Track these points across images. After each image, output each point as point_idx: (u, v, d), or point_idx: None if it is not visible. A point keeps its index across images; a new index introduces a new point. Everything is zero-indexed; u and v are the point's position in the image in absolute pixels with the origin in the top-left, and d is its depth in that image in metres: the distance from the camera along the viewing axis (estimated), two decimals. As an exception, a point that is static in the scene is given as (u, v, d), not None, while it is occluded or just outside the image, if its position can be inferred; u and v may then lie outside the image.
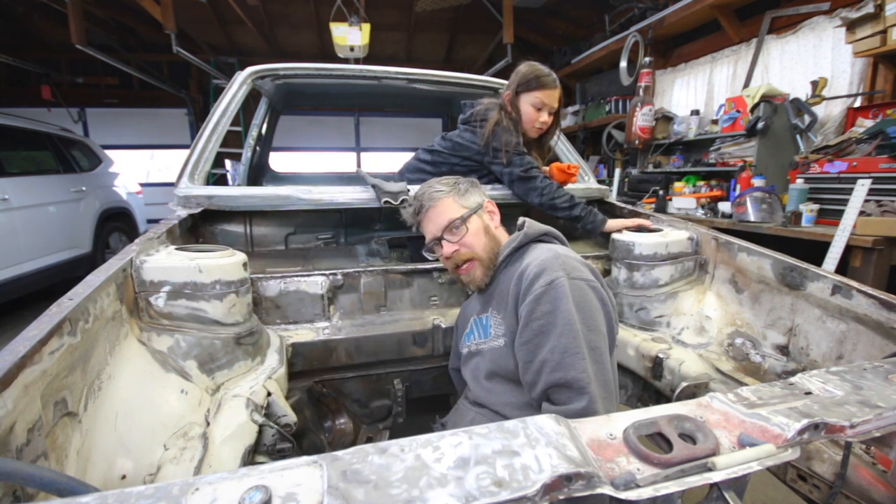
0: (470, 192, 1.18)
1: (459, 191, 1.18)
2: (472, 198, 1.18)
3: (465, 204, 1.16)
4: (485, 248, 1.14)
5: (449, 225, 1.14)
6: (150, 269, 0.99)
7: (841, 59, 3.34)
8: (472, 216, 1.15)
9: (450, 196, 1.16)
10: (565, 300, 0.93)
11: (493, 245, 1.15)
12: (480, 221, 1.16)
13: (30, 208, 3.75)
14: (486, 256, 1.14)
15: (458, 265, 1.16)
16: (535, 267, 0.99)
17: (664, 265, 1.49)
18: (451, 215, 1.14)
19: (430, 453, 0.43)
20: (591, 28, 6.22)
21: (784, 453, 0.48)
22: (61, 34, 5.90)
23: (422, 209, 1.18)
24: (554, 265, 0.97)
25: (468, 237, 1.14)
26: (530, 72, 1.65)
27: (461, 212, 1.15)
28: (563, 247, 1.12)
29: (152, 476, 0.80)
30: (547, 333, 0.92)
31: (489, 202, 1.21)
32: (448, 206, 1.16)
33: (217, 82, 6.96)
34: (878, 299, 0.99)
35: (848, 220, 2.47)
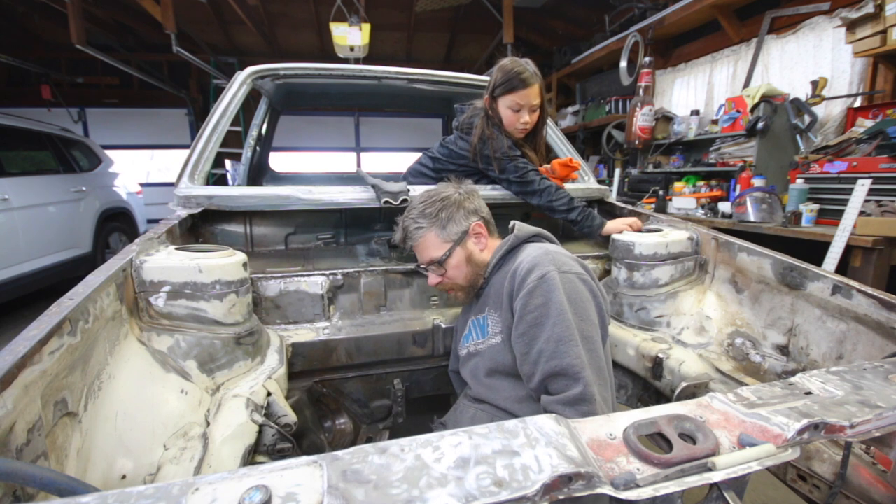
0: (453, 221, 1.18)
1: (441, 222, 1.17)
2: (456, 227, 1.18)
3: (447, 237, 1.17)
4: (466, 277, 1.18)
5: (430, 263, 1.19)
6: (150, 269, 0.99)
7: (841, 59, 3.34)
8: (454, 250, 1.17)
9: (431, 231, 1.18)
10: (557, 292, 0.96)
11: (477, 270, 1.19)
12: (463, 253, 1.18)
13: (30, 208, 3.75)
14: (468, 284, 1.19)
15: (442, 289, 1.26)
16: (527, 263, 1.02)
17: (664, 265, 1.49)
18: (432, 254, 1.18)
19: (430, 453, 0.43)
20: (591, 28, 6.22)
21: (784, 453, 0.48)
22: (61, 34, 5.92)
23: (406, 241, 1.23)
24: (544, 261, 1.00)
25: (449, 272, 1.18)
26: (502, 75, 1.59)
27: (442, 249, 1.17)
28: (553, 245, 1.15)
29: (152, 476, 0.80)
30: (541, 325, 0.95)
31: (476, 224, 1.19)
32: (430, 242, 1.18)
33: (217, 82, 6.97)
34: (878, 299, 0.99)
35: (848, 220, 2.47)
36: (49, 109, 7.25)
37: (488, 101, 1.65)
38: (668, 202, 4.01)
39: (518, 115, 1.61)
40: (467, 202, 1.21)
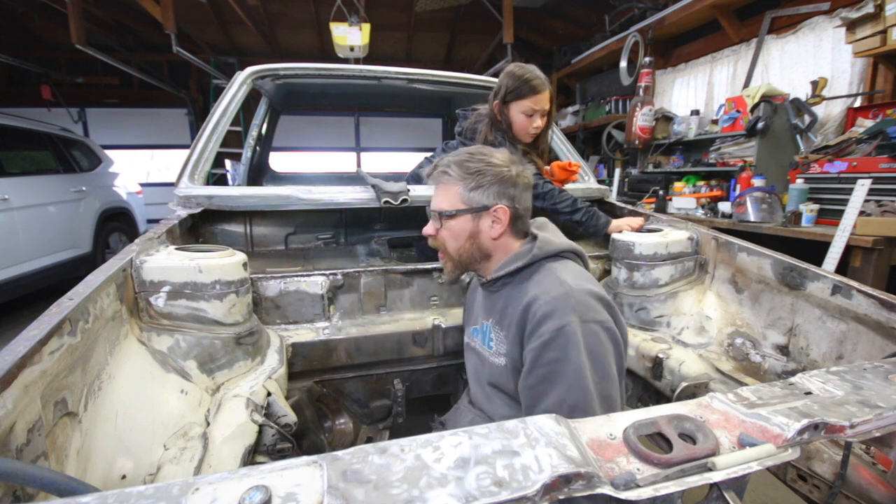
0: (482, 189, 1.04)
1: (470, 183, 1.04)
2: (481, 196, 1.04)
3: (468, 200, 1.04)
4: (459, 251, 1.07)
5: (434, 210, 1.09)
6: (150, 269, 0.99)
7: (841, 59, 3.34)
8: (462, 216, 1.05)
9: (458, 184, 1.05)
10: (576, 350, 0.86)
11: (474, 252, 1.07)
12: (471, 225, 1.05)
13: (30, 208, 3.74)
14: (458, 258, 1.08)
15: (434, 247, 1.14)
16: (545, 305, 0.91)
17: (664, 265, 1.49)
18: (441, 204, 1.07)
19: (430, 453, 0.43)
20: (591, 28, 6.22)
21: (784, 453, 0.48)
22: (61, 34, 5.91)
23: (430, 177, 1.12)
24: (565, 307, 0.89)
25: (444, 233, 1.08)
26: (513, 80, 1.59)
27: (455, 206, 1.05)
28: (576, 271, 1.01)
29: (152, 476, 0.80)
30: (552, 381, 0.87)
31: (501, 209, 1.04)
32: (449, 192, 1.06)
33: (217, 82, 6.96)
34: (878, 299, 0.99)
35: (848, 220, 2.47)
36: (49, 109, 7.24)
37: (497, 106, 1.63)
38: (668, 202, 4.01)
39: (530, 119, 1.61)
40: (510, 184, 1.05)
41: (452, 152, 1.11)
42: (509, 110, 1.61)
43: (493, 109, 1.64)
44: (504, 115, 1.63)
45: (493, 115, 1.65)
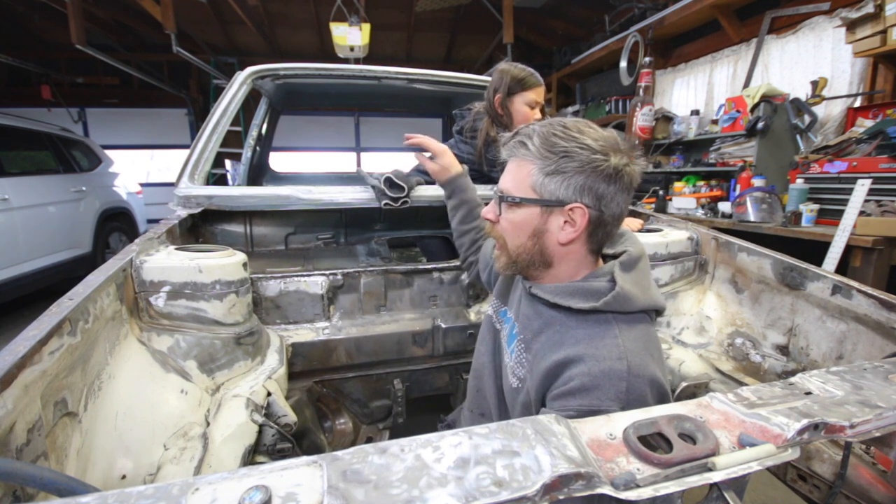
0: (563, 178, 0.79)
1: (550, 165, 0.80)
2: (559, 187, 0.80)
3: (539, 186, 0.81)
4: (518, 248, 0.86)
5: (501, 190, 0.87)
6: (150, 269, 0.99)
7: (841, 59, 3.34)
8: (528, 206, 0.83)
9: (534, 163, 0.82)
10: None
11: (534, 255, 0.86)
12: (537, 220, 0.83)
13: (30, 208, 3.75)
14: (513, 256, 0.88)
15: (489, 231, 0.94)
16: (587, 376, 0.73)
17: (664, 265, 1.49)
18: (509, 185, 0.85)
19: (430, 453, 0.43)
20: (591, 28, 6.22)
21: (784, 453, 0.48)
22: (61, 34, 5.91)
23: (506, 146, 0.89)
24: (609, 390, 0.71)
25: (505, 222, 0.87)
26: (520, 72, 1.64)
27: (523, 191, 0.83)
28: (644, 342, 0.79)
29: (152, 476, 0.80)
30: None
31: (580, 209, 0.79)
32: (521, 172, 0.84)
33: (217, 82, 6.96)
34: (878, 299, 0.99)
35: (848, 220, 2.47)
36: (49, 109, 7.25)
37: (500, 100, 1.64)
38: (668, 202, 4.01)
39: (533, 112, 1.65)
40: (601, 179, 0.79)
41: (544, 121, 0.87)
42: (512, 103, 1.64)
43: (495, 104, 1.65)
44: (506, 108, 1.64)
45: (493, 110, 1.66)
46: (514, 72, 1.63)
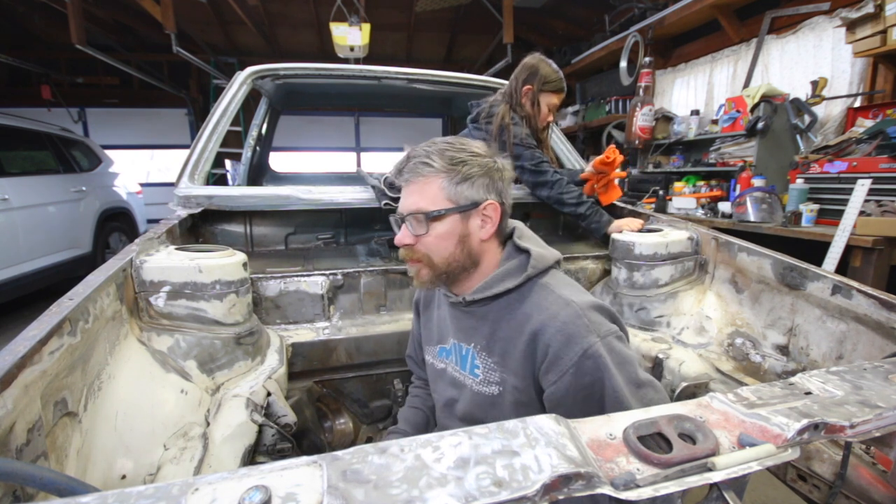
0: (471, 182, 0.89)
1: (456, 175, 0.88)
2: (469, 191, 0.89)
3: (453, 196, 0.88)
4: (446, 258, 0.90)
5: (414, 213, 0.89)
6: (150, 269, 0.99)
7: (841, 59, 3.34)
8: (451, 215, 0.89)
9: (440, 177, 0.88)
10: (607, 371, 0.79)
11: (463, 259, 0.91)
12: (459, 226, 0.89)
13: (30, 208, 3.75)
14: (443, 268, 0.91)
15: (405, 257, 0.95)
16: (558, 333, 0.82)
17: (664, 265, 1.49)
18: (422, 204, 0.89)
19: (429, 453, 0.43)
20: (591, 28, 6.22)
21: (784, 453, 0.48)
22: (61, 34, 5.91)
23: (401, 174, 0.92)
24: (579, 328, 0.81)
25: (428, 239, 0.90)
26: (552, 72, 1.72)
27: (438, 204, 0.88)
28: (570, 284, 0.93)
29: (152, 476, 0.80)
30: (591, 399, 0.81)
31: (491, 205, 0.90)
32: (428, 188, 0.89)
33: (217, 82, 6.96)
34: (878, 299, 0.99)
35: (848, 220, 2.47)
36: (49, 109, 7.25)
37: (531, 91, 1.71)
38: (668, 202, 4.01)
39: (549, 114, 1.75)
40: (498, 177, 0.92)
41: (425, 143, 0.93)
42: (541, 98, 1.72)
43: (522, 92, 1.72)
44: (535, 100, 1.72)
45: (516, 97, 1.73)
46: (546, 70, 1.70)
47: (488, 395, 0.93)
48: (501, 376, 0.91)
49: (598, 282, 1.75)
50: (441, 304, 1.07)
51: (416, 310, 1.20)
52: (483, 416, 0.95)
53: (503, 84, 2.31)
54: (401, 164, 0.93)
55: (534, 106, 1.72)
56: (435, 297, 1.12)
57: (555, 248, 1.02)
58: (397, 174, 0.94)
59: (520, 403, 0.90)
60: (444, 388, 1.05)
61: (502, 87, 1.85)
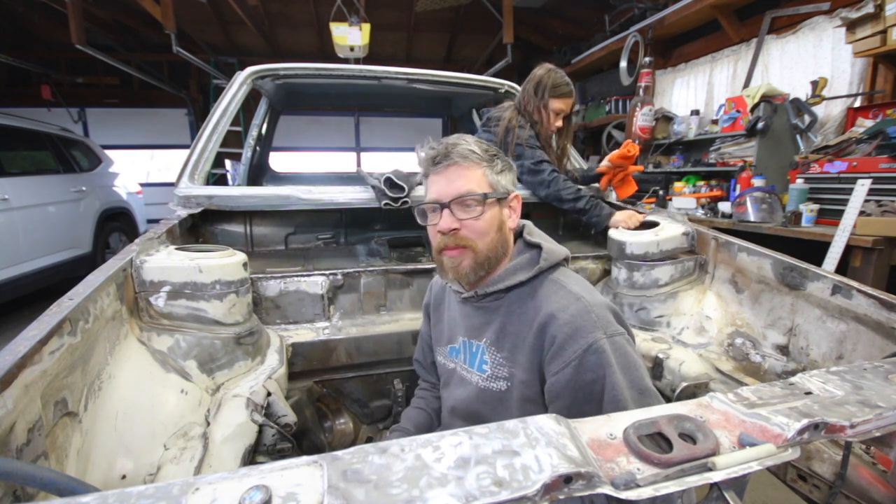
0: (504, 174, 0.96)
1: (494, 166, 0.94)
2: (504, 182, 0.95)
3: (494, 184, 0.93)
4: (489, 244, 0.92)
5: (464, 197, 0.90)
6: (150, 269, 0.99)
7: (841, 59, 3.34)
8: (493, 202, 0.93)
9: (482, 166, 0.92)
10: (610, 369, 0.79)
11: (501, 246, 0.94)
12: (499, 213, 0.94)
13: (30, 208, 3.75)
14: (486, 254, 0.92)
15: (446, 246, 0.93)
16: (565, 325, 0.83)
17: (664, 265, 1.49)
18: (473, 187, 0.90)
19: (430, 453, 0.43)
20: (591, 28, 6.22)
21: (784, 453, 0.48)
22: (61, 34, 5.91)
23: (443, 159, 0.92)
24: (587, 324, 0.82)
25: (479, 222, 0.91)
26: (558, 79, 1.76)
27: (486, 189, 0.91)
28: (580, 281, 0.94)
29: (152, 476, 0.80)
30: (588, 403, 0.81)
31: (517, 197, 0.98)
32: (475, 175, 0.92)
33: (217, 82, 6.96)
34: (878, 299, 0.99)
35: (848, 220, 2.47)
36: (49, 109, 7.24)
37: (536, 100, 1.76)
38: (668, 202, 4.01)
39: (557, 117, 1.78)
40: (514, 173, 1.01)
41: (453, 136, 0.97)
42: (549, 104, 1.76)
43: (527, 99, 1.78)
44: (541, 107, 1.77)
45: (523, 103, 1.79)
46: (552, 77, 1.76)
47: (496, 391, 0.94)
48: (510, 371, 0.91)
49: (598, 282, 1.75)
50: (451, 305, 1.09)
51: (426, 313, 1.22)
52: (490, 413, 0.95)
53: (503, 84, 2.31)
54: (439, 151, 0.93)
55: (541, 112, 1.76)
56: (444, 299, 1.13)
57: None
58: (433, 161, 0.94)
59: (527, 399, 0.90)
60: (455, 388, 1.05)
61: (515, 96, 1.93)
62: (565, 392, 0.83)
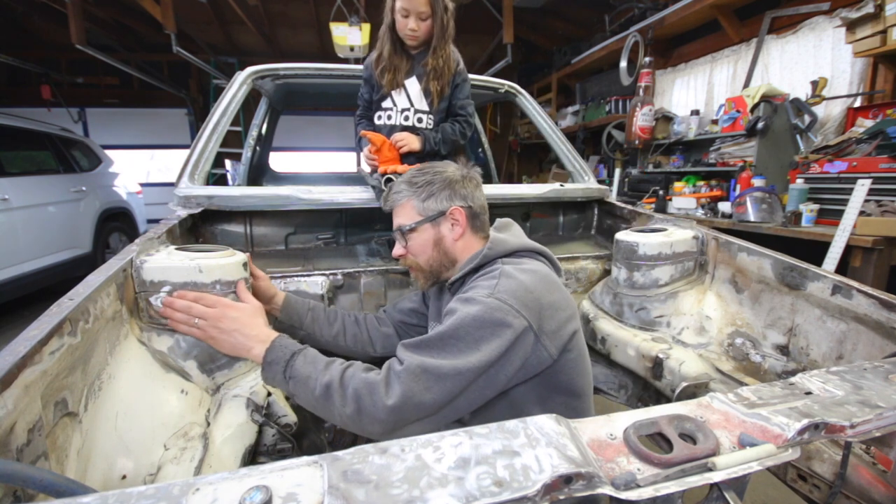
0: (434, 198, 1.08)
1: (422, 194, 1.09)
2: (435, 204, 1.08)
3: (423, 210, 1.09)
4: (428, 261, 1.10)
5: (397, 229, 1.12)
6: (150, 269, 0.99)
7: (841, 59, 3.34)
8: (422, 226, 1.08)
9: (411, 200, 1.10)
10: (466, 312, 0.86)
11: (442, 258, 1.09)
12: (432, 232, 1.09)
13: (30, 208, 3.74)
14: (429, 269, 1.11)
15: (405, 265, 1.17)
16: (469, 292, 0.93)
17: (664, 265, 1.49)
18: (401, 221, 1.11)
19: (430, 453, 0.43)
20: (591, 28, 6.22)
21: (784, 453, 0.48)
22: (61, 34, 5.91)
23: (387, 204, 1.16)
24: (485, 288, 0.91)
25: (412, 247, 1.10)
26: None
27: (412, 219, 1.09)
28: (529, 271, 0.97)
29: (153, 476, 0.80)
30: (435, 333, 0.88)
31: (457, 210, 1.08)
32: (405, 210, 1.11)
33: (217, 82, 6.97)
34: (878, 299, 0.99)
35: (848, 220, 2.47)
36: (49, 109, 7.24)
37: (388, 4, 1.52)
38: (668, 202, 4.01)
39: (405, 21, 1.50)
40: (460, 185, 1.10)
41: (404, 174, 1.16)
42: (394, 11, 1.51)
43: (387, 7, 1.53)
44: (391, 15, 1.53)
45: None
46: None
47: None
48: None
49: (597, 282, 1.75)
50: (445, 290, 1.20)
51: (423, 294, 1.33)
52: None
53: (503, 84, 2.31)
54: (384, 199, 1.17)
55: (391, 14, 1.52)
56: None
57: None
58: (384, 202, 1.17)
59: None
60: None
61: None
62: None
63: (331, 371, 0.86)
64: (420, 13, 1.49)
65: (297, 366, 0.88)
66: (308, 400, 0.87)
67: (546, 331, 0.90)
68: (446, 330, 0.86)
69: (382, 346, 1.28)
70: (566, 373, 0.95)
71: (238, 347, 0.94)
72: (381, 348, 1.28)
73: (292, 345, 0.93)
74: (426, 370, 0.81)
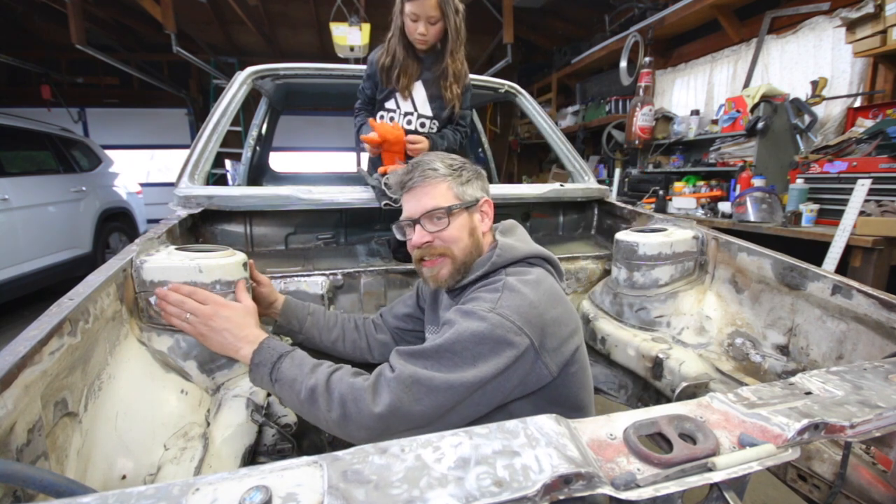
0: (471, 183, 1.03)
1: (460, 178, 1.02)
2: (471, 190, 1.03)
3: (460, 195, 1.01)
4: (464, 249, 1.00)
5: (431, 212, 0.99)
6: (150, 269, 0.99)
7: (841, 59, 3.34)
8: (460, 211, 1.00)
9: (446, 180, 1.00)
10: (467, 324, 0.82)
11: (474, 250, 1.01)
12: (468, 220, 1.02)
13: (30, 208, 3.74)
14: (462, 259, 1.00)
15: (422, 257, 1.02)
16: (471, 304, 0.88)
17: (664, 265, 1.49)
18: (438, 202, 0.99)
19: (430, 453, 0.43)
20: (591, 28, 6.22)
21: (784, 453, 0.48)
22: (61, 34, 5.91)
23: (410, 181, 1.02)
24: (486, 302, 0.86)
25: (448, 231, 0.99)
26: None
27: (451, 202, 0.99)
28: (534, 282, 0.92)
29: (152, 476, 0.80)
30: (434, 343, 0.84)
31: (487, 201, 1.05)
32: (440, 190, 1.00)
33: (217, 82, 6.96)
34: (878, 299, 0.99)
35: (848, 220, 2.47)
36: (49, 109, 7.25)
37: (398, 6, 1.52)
38: (668, 202, 4.01)
39: (415, 25, 1.49)
40: (483, 178, 1.08)
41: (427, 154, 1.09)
42: (404, 14, 1.50)
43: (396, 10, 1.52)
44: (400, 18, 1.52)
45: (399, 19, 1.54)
46: None
47: None
48: None
49: (597, 282, 1.75)
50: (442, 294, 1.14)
51: (417, 292, 1.30)
52: None
53: (503, 84, 2.31)
54: (407, 175, 1.03)
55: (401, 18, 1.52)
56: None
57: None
58: (402, 184, 1.04)
59: None
60: None
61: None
62: None
63: (317, 374, 0.84)
64: (430, 17, 1.49)
65: (284, 368, 0.87)
66: (294, 403, 0.85)
67: (548, 348, 0.86)
68: (443, 343, 0.82)
69: (380, 354, 1.26)
70: (567, 387, 0.92)
71: (227, 347, 0.93)
72: (379, 355, 1.26)
73: (280, 346, 0.91)
74: (417, 381, 0.79)
